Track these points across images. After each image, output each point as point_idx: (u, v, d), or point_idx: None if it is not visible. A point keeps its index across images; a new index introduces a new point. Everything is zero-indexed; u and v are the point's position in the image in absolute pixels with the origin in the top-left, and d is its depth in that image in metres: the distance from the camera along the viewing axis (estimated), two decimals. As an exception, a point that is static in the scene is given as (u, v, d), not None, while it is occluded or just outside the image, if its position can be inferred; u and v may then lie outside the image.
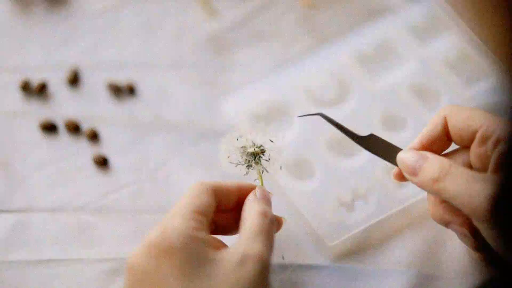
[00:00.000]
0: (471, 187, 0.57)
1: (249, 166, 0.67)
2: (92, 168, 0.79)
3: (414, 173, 0.62)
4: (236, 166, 0.67)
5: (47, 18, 0.88)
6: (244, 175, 0.67)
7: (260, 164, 0.67)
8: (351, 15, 0.87)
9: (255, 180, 0.67)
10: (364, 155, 0.75)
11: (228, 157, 0.67)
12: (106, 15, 0.88)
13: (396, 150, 0.65)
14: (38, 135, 0.81)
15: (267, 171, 0.67)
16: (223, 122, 0.81)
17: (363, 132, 0.66)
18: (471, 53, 0.81)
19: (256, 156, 0.66)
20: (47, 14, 0.88)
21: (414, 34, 0.83)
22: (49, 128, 0.81)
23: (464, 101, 0.78)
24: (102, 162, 0.79)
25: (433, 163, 0.60)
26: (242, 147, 0.67)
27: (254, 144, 0.67)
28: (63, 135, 0.81)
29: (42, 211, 0.76)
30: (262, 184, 0.67)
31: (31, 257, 0.73)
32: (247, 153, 0.67)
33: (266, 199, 0.64)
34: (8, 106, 0.83)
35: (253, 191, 0.64)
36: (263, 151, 0.67)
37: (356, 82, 0.81)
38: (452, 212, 0.62)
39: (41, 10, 0.89)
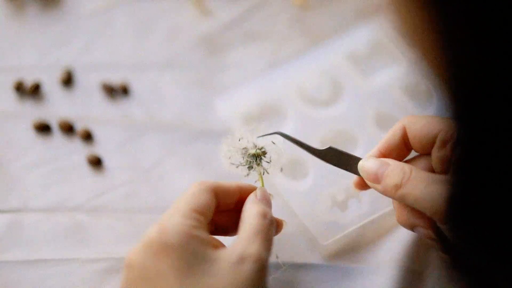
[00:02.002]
0: (431, 190, 0.58)
1: (250, 168, 0.67)
2: (86, 168, 0.79)
3: (377, 180, 0.63)
4: (237, 167, 0.67)
5: (40, 19, 0.88)
6: (245, 176, 0.67)
7: (261, 166, 0.67)
8: (343, 16, 0.87)
9: (255, 181, 0.67)
10: (358, 154, 0.76)
11: (230, 158, 0.67)
12: (99, 16, 0.88)
13: (356, 159, 0.66)
14: (31, 135, 0.81)
15: (267, 173, 0.67)
16: (216, 122, 0.81)
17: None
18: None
19: (257, 157, 0.67)
20: (41, 15, 0.88)
21: (402, 35, 0.84)
22: (43, 128, 0.81)
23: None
24: (96, 162, 0.79)
25: (395, 169, 0.61)
26: (243, 148, 0.67)
27: (256, 146, 0.67)
28: (57, 135, 0.81)
29: (36, 211, 0.76)
30: (262, 185, 0.67)
31: (25, 257, 0.73)
32: (249, 154, 0.67)
33: (267, 200, 0.64)
34: (2, 107, 0.82)
35: (254, 192, 0.64)
36: (264, 153, 0.67)
37: (348, 82, 0.81)
38: (417, 215, 0.62)
39: (34, 11, 0.88)
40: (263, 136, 0.68)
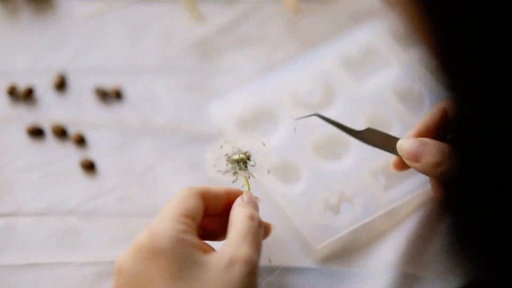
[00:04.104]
0: None
1: (235, 173, 0.67)
2: (79, 172, 0.79)
3: (416, 159, 0.64)
4: (223, 174, 0.67)
5: (34, 23, 0.88)
6: (233, 182, 0.68)
7: (246, 170, 0.67)
8: (336, 20, 0.87)
9: (242, 185, 0.67)
10: (350, 158, 0.76)
11: (214, 165, 0.67)
12: (92, 20, 0.88)
13: (395, 140, 0.67)
14: (25, 139, 0.81)
15: (253, 176, 0.67)
16: (210, 126, 0.81)
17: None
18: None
19: (241, 162, 0.67)
20: (34, 19, 0.88)
21: (397, 38, 0.84)
22: (36, 132, 0.81)
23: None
24: (89, 166, 0.79)
25: (434, 148, 0.63)
26: (226, 155, 0.67)
27: (239, 151, 0.67)
28: (50, 140, 0.81)
29: (29, 215, 0.76)
30: (249, 190, 0.67)
31: (18, 261, 0.73)
32: (232, 160, 0.67)
33: (253, 203, 0.64)
34: (-5, 111, 0.83)
35: (241, 195, 0.65)
36: (248, 157, 0.67)
37: (341, 86, 0.81)
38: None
39: (27, 15, 0.88)
40: (301, 118, 0.69)
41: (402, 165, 0.69)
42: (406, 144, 0.65)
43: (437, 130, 0.67)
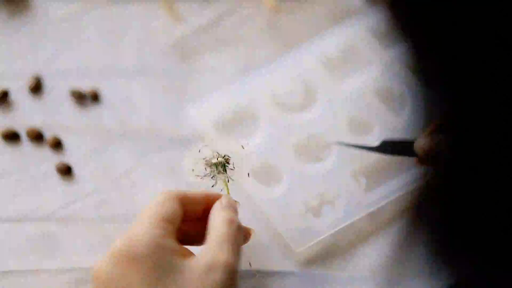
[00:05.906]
0: None
1: (214, 177, 0.67)
2: (55, 176, 0.78)
3: (433, 154, 0.65)
4: (201, 178, 0.67)
5: (8, 25, 0.87)
6: (212, 186, 0.68)
7: (225, 173, 0.67)
8: (316, 20, 0.87)
9: (222, 189, 0.67)
10: (331, 160, 0.76)
11: (193, 170, 0.67)
12: (69, 22, 0.87)
13: (411, 142, 0.68)
14: (-1, 144, 0.80)
15: (232, 180, 0.67)
16: (189, 129, 0.80)
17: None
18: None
19: (219, 165, 0.67)
20: (9, 21, 0.87)
21: (378, 38, 0.84)
22: (11, 136, 0.80)
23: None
24: (66, 171, 0.78)
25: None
26: (204, 158, 0.67)
27: (218, 154, 0.67)
28: (25, 144, 0.80)
29: (5, 221, 0.75)
30: (228, 193, 0.67)
31: (-6, 268, 0.72)
32: (211, 163, 0.67)
33: (232, 207, 0.64)
34: (-31, 115, 0.81)
35: (219, 199, 0.64)
36: (227, 160, 0.67)
37: (322, 87, 0.81)
38: None
39: (2, 17, 0.88)
40: (322, 148, 0.72)
41: (424, 162, 0.70)
42: (421, 142, 0.67)
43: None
